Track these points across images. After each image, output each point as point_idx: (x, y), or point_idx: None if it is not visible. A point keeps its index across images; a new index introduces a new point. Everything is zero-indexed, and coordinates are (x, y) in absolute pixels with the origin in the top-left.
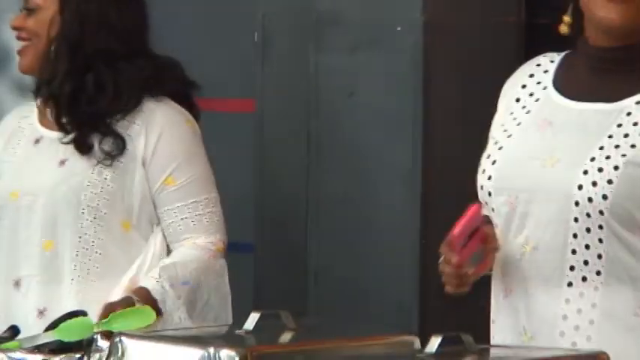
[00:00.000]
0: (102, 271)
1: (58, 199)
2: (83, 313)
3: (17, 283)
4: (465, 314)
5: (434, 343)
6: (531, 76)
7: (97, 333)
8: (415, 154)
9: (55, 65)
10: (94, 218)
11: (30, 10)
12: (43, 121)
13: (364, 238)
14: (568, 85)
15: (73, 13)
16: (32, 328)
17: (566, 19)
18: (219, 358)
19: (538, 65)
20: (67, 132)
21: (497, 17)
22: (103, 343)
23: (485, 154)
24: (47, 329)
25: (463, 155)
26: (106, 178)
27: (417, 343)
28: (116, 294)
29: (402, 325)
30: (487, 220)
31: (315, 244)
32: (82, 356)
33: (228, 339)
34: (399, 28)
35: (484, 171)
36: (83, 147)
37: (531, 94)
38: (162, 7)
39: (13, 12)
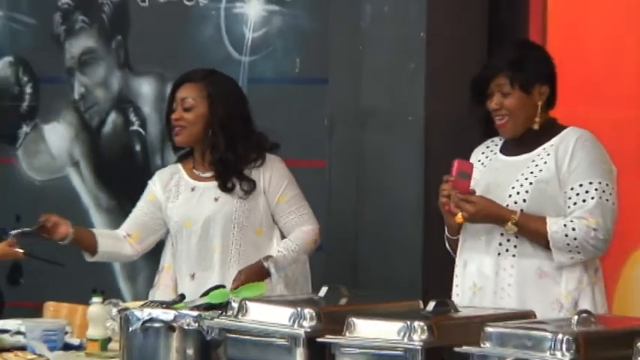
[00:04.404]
0: (243, 261)
1: (216, 221)
2: (222, 286)
3: (192, 276)
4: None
5: (430, 305)
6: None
7: (231, 298)
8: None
9: (214, 141)
10: (240, 230)
11: (187, 109)
12: (191, 176)
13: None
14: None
15: (220, 110)
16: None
17: None
18: (303, 314)
19: (488, 147)
20: (219, 179)
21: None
22: (235, 304)
23: None
24: (201, 296)
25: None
26: (244, 205)
27: (421, 305)
28: None
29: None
30: None
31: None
32: (222, 312)
33: (309, 302)
34: (410, 118)
35: None
36: (226, 188)
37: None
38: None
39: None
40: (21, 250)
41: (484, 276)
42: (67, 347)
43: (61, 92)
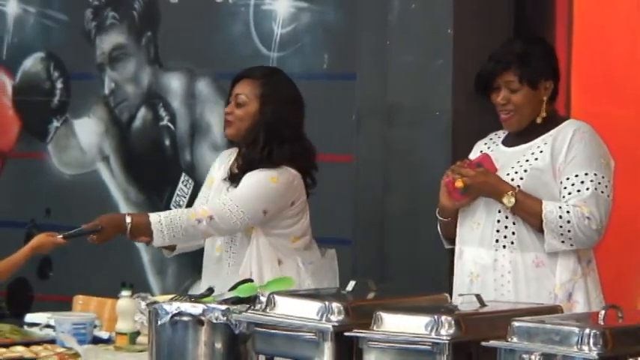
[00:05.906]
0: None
1: None
2: (250, 280)
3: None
4: None
5: (458, 299)
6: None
7: (259, 292)
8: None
9: (255, 138)
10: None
11: (239, 104)
12: (232, 166)
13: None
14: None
15: (268, 112)
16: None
17: None
18: (331, 308)
19: (491, 139)
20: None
21: None
22: (263, 298)
23: None
24: (230, 290)
25: None
26: None
27: (448, 299)
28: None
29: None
30: None
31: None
32: (251, 305)
33: (336, 296)
34: (437, 113)
35: None
36: (234, 179)
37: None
38: None
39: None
40: (60, 236)
41: (480, 265)
42: (96, 341)
43: (91, 88)
